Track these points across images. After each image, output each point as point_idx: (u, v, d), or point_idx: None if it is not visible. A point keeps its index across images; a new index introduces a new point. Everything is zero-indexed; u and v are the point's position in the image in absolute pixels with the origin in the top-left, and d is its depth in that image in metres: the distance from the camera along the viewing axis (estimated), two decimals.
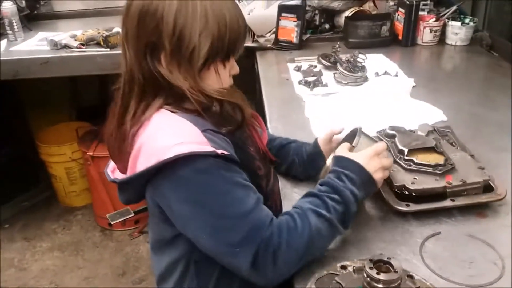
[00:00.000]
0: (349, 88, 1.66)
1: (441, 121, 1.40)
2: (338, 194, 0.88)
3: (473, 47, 2.05)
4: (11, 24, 2.27)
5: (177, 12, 0.84)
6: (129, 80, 0.91)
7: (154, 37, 0.86)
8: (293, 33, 2.04)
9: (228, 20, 0.87)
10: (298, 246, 0.83)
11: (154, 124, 0.87)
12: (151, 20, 0.85)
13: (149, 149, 0.84)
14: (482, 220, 0.99)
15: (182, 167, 0.81)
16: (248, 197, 0.85)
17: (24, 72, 2.12)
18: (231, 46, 0.90)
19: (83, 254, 2.58)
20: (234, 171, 0.86)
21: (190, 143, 0.81)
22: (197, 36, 0.85)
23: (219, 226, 0.83)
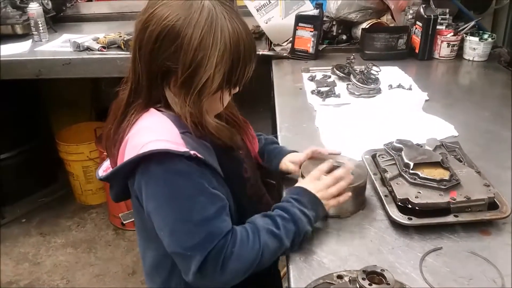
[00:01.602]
0: (362, 99, 1.67)
1: (452, 136, 1.39)
2: (287, 213, 0.93)
3: (491, 63, 2.03)
4: (36, 25, 2.35)
5: (198, 45, 0.85)
6: (135, 92, 0.94)
7: (169, 62, 0.88)
8: (309, 43, 2.05)
9: (242, 55, 0.90)
10: (247, 259, 0.88)
11: (140, 122, 0.92)
12: (170, 45, 0.86)
13: (132, 144, 0.89)
14: (485, 237, 0.98)
15: (155, 164, 0.85)
16: (212, 205, 0.88)
17: (46, 72, 2.19)
18: (240, 77, 0.93)
19: (95, 252, 2.63)
20: (204, 176, 0.89)
21: (166, 141, 0.85)
22: (212, 70, 0.87)
23: (177, 228, 0.86)
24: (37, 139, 3.00)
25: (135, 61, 0.92)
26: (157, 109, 0.94)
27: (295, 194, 0.98)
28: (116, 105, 0.99)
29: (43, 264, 2.56)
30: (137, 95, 0.94)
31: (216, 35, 0.86)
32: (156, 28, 0.86)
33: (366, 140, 1.34)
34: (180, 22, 0.85)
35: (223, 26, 0.87)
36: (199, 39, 0.85)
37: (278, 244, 0.91)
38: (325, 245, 0.97)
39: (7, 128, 2.83)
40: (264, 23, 2.14)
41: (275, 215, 0.94)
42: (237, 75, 0.91)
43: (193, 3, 0.87)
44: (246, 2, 2.13)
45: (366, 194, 1.13)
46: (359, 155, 1.23)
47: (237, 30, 0.89)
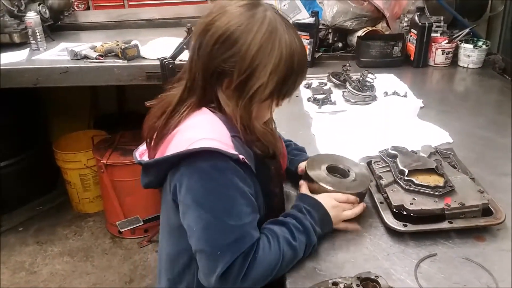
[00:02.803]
0: (357, 106, 1.68)
1: (447, 143, 1.40)
2: (301, 225, 0.96)
3: (486, 70, 2.05)
4: (34, 34, 2.36)
5: (257, 51, 0.88)
6: (189, 89, 0.97)
7: (225, 65, 0.90)
8: (306, 50, 2.07)
9: (296, 66, 0.92)
10: (269, 266, 0.89)
11: (193, 118, 0.95)
12: (228, 48, 0.89)
13: (181, 137, 0.92)
14: (479, 243, 0.99)
15: (203, 160, 0.88)
16: (249, 210, 0.90)
17: (44, 81, 2.19)
18: (291, 88, 0.96)
19: (92, 260, 2.62)
20: (247, 181, 0.92)
21: (217, 141, 0.88)
22: (266, 77, 0.90)
23: (212, 225, 0.87)
24: (35, 148, 3.00)
25: (193, 61, 0.95)
26: (210, 109, 0.96)
27: (309, 206, 0.99)
28: (165, 100, 1.00)
29: (39, 273, 2.55)
30: (192, 93, 0.97)
31: (274, 45, 0.89)
32: (218, 31, 0.90)
33: (362, 147, 1.35)
34: (242, 28, 0.89)
35: (281, 37, 0.90)
36: (258, 46, 0.88)
37: (294, 254, 0.93)
38: (321, 252, 0.98)
39: (5, 136, 2.83)
40: None
41: (290, 224, 0.95)
42: (288, 85, 0.94)
43: (256, 13, 0.91)
44: None
45: None
46: None
47: (293, 42, 0.92)
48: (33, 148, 2.99)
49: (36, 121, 3.06)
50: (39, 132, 3.07)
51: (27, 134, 2.97)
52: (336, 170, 1.12)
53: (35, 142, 3.02)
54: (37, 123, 3.07)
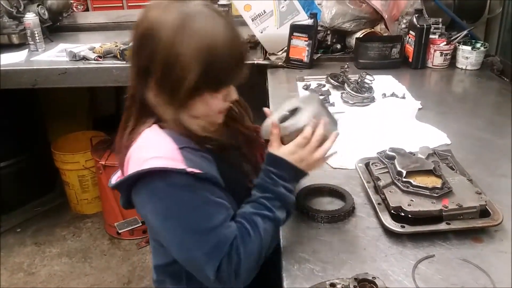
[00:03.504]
0: (356, 108, 1.68)
1: (445, 144, 1.40)
2: (270, 193, 0.94)
3: (484, 71, 2.05)
4: (33, 35, 2.36)
5: (171, 42, 0.86)
6: (130, 97, 0.96)
7: (147, 62, 0.89)
8: (304, 52, 2.07)
9: (220, 55, 0.88)
10: (255, 252, 0.89)
11: (142, 138, 0.94)
12: (148, 44, 0.88)
13: (134, 159, 0.92)
14: (477, 244, 0.99)
15: (157, 180, 0.88)
16: (217, 214, 0.89)
17: (42, 82, 2.20)
18: (221, 78, 0.92)
19: (90, 262, 2.62)
20: (206, 188, 0.90)
21: (164, 158, 0.88)
22: (183, 68, 0.87)
23: (186, 240, 0.88)
24: (33, 149, 3.00)
25: (129, 68, 0.95)
26: (160, 125, 0.95)
27: (276, 168, 0.95)
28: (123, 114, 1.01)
29: (37, 274, 2.55)
30: (131, 101, 0.96)
31: (187, 33, 0.86)
32: (138, 30, 0.90)
33: (360, 148, 1.35)
34: (154, 22, 0.87)
35: (198, 26, 0.87)
36: (168, 36, 0.86)
37: (275, 224, 0.93)
38: (319, 253, 0.98)
39: (3, 137, 2.83)
40: (259, 32, 2.16)
41: (261, 198, 0.94)
42: (215, 76, 0.89)
43: (171, 5, 0.89)
44: (242, 12, 2.15)
45: (360, 202, 1.14)
46: (353, 163, 1.24)
47: (215, 31, 0.88)
48: (31, 149, 2.99)
49: (34, 122, 3.06)
50: (37, 133, 3.07)
51: (26, 135, 2.97)
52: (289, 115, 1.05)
53: (34, 143, 3.02)
54: (35, 124, 3.07)
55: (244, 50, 0.96)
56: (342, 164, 1.30)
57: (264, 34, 2.17)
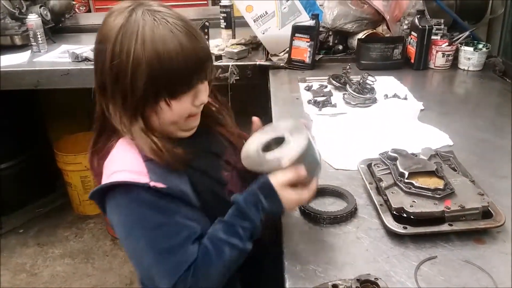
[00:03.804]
0: (358, 109, 1.68)
1: (447, 145, 1.40)
2: (249, 222, 0.89)
3: (486, 72, 2.05)
4: (35, 36, 2.37)
5: (114, 52, 0.86)
6: (97, 118, 0.97)
7: (102, 77, 0.90)
8: (306, 53, 2.07)
9: (166, 60, 0.85)
10: (214, 278, 0.88)
11: (113, 151, 0.94)
12: (99, 59, 0.89)
13: (105, 173, 0.92)
14: (479, 246, 0.99)
15: (121, 194, 0.87)
16: (178, 233, 0.87)
17: (45, 83, 2.21)
18: (174, 83, 0.89)
19: (93, 262, 2.62)
20: (169, 205, 0.88)
21: (128, 172, 0.87)
22: (129, 77, 0.86)
23: (144, 256, 0.87)
24: (35, 149, 3.01)
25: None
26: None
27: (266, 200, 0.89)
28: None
29: (40, 275, 2.56)
30: (99, 119, 0.97)
31: (130, 41, 0.85)
32: (95, 46, 0.91)
33: (362, 149, 1.35)
34: (103, 34, 0.88)
35: (139, 31, 0.85)
36: (113, 46, 0.86)
37: (241, 254, 0.90)
38: (321, 254, 0.98)
39: (5, 138, 2.84)
40: (261, 33, 2.17)
41: (237, 226, 0.89)
42: (164, 83, 0.87)
43: (119, 16, 0.88)
44: (243, 13, 2.15)
45: (362, 203, 1.14)
46: (355, 164, 1.24)
47: (157, 34, 0.85)
48: (33, 150, 3.00)
49: (36, 123, 3.07)
50: (39, 134, 3.08)
51: (28, 136, 2.98)
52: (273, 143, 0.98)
53: (35, 144, 3.03)
54: (37, 125, 3.08)
55: (201, 51, 0.91)
56: (344, 165, 1.30)
57: (266, 35, 2.17)
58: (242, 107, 2.51)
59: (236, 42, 2.29)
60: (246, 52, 2.24)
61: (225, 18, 2.37)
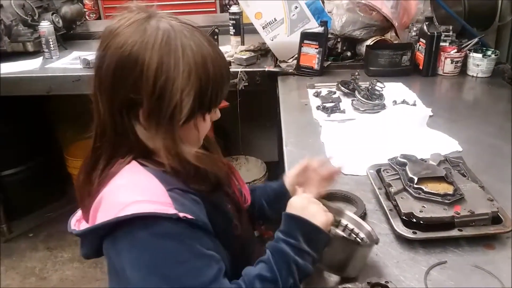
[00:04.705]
0: (367, 115, 1.69)
1: (456, 151, 1.41)
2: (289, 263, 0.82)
3: (495, 79, 2.05)
4: (47, 43, 2.40)
5: (158, 68, 0.77)
6: (100, 135, 0.85)
7: (131, 93, 0.79)
8: (315, 59, 2.09)
9: (212, 71, 0.81)
10: None
11: (120, 177, 0.82)
12: (129, 74, 0.78)
13: (109, 202, 0.79)
14: (489, 251, 0.99)
15: (140, 228, 0.75)
16: (209, 268, 0.78)
17: (57, 89, 2.24)
18: (213, 99, 0.84)
19: (101, 267, 2.63)
20: (197, 238, 0.79)
21: (151, 203, 0.76)
22: (179, 94, 0.78)
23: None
24: (46, 155, 3.04)
25: (97, 101, 0.83)
26: (140, 163, 0.83)
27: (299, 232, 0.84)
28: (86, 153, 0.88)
29: (49, 278, 2.57)
30: (102, 139, 0.85)
31: (177, 55, 0.78)
32: (113, 59, 0.78)
33: (371, 155, 1.36)
34: (136, 48, 0.77)
35: (184, 45, 0.79)
36: (158, 62, 0.77)
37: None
38: None
39: (16, 143, 2.88)
40: (270, 40, 2.18)
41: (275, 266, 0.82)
42: (209, 97, 0.83)
43: (147, 26, 0.79)
44: (252, 20, 2.17)
45: (371, 209, 1.15)
46: (364, 170, 1.25)
47: (202, 47, 0.81)
48: (44, 155, 3.03)
49: (48, 128, 3.11)
50: (49, 139, 3.11)
51: (39, 141, 3.01)
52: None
53: (47, 149, 3.06)
54: (49, 130, 3.12)
55: (227, 61, 0.91)
56: (353, 171, 1.30)
57: (275, 41, 2.19)
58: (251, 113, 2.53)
59: (245, 49, 2.31)
60: (255, 59, 2.26)
61: (234, 25, 2.39)
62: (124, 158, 0.83)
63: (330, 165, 1.11)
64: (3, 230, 2.87)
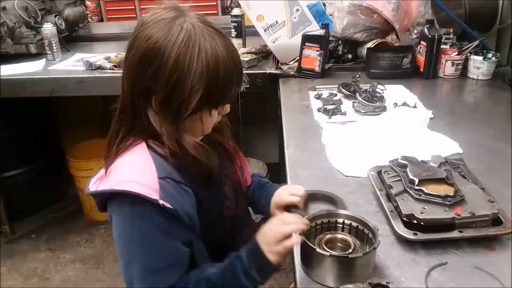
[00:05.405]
0: (367, 117, 1.70)
1: (457, 153, 1.41)
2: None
3: (495, 81, 2.06)
4: (50, 45, 2.42)
5: (174, 65, 0.87)
6: (122, 110, 0.97)
7: (149, 83, 0.89)
8: (316, 62, 2.10)
9: (222, 74, 0.90)
10: None
11: (127, 156, 0.95)
12: (150, 66, 0.88)
13: (114, 174, 0.93)
14: (489, 252, 1.00)
15: (127, 203, 0.89)
16: (168, 256, 0.92)
17: (59, 90, 2.25)
18: (221, 97, 0.94)
19: (103, 268, 2.64)
20: (168, 227, 0.91)
21: (140, 185, 0.88)
22: (188, 90, 0.88)
23: (131, 266, 0.92)
24: (48, 156, 3.05)
25: (123, 81, 0.95)
26: (150, 145, 0.95)
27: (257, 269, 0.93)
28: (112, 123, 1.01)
29: (51, 279, 2.58)
30: (124, 114, 0.96)
31: (192, 56, 0.87)
32: (139, 50, 0.89)
33: (372, 157, 1.36)
34: (159, 44, 0.87)
35: (201, 47, 0.88)
36: (174, 59, 0.86)
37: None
38: None
39: (19, 145, 2.89)
40: (272, 42, 2.20)
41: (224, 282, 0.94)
42: (216, 96, 0.92)
43: (173, 24, 0.88)
44: (254, 22, 2.18)
45: (372, 210, 1.15)
46: (365, 171, 1.26)
47: (217, 51, 0.89)
48: (46, 156, 3.04)
49: (50, 129, 3.12)
50: (52, 141, 3.12)
51: (41, 142, 3.02)
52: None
53: (49, 150, 3.07)
54: (50, 131, 3.13)
55: (241, 66, 0.97)
56: (354, 172, 1.31)
57: (276, 44, 2.20)
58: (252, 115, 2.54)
59: (246, 51, 2.32)
60: (257, 61, 2.27)
61: (236, 27, 2.41)
62: (137, 137, 0.95)
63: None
64: (5, 231, 2.89)
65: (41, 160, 3.01)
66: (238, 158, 1.15)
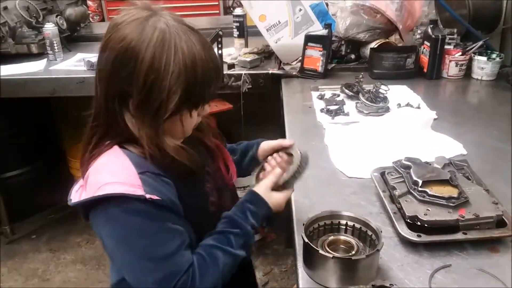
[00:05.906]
0: (371, 118, 1.69)
1: (461, 154, 1.40)
2: (239, 228, 0.96)
3: (499, 82, 2.05)
4: (51, 45, 2.41)
5: (150, 66, 0.84)
6: (96, 115, 0.93)
7: (124, 85, 0.86)
8: (318, 62, 2.09)
9: (200, 73, 0.88)
10: (209, 284, 0.90)
11: (102, 159, 0.91)
12: (124, 68, 0.85)
13: (91, 181, 0.89)
14: (493, 254, 0.98)
15: (113, 205, 0.86)
16: (172, 240, 0.88)
17: (61, 90, 2.25)
18: (200, 96, 0.92)
19: (104, 269, 2.63)
20: (162, 215, 0.88)
21: (122, 184, 0.85)
22: (166, 92, 0.86)
23: (138, 266, 0.88)
24: (49, 156, 3.04)
25: (96, 85, 0.92)
26: (121, 147, 0.92)
27: (250, 203, 0.99)
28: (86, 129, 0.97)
29: (52, 280, 2.57)
30: (98, 119, 0.93)
31: (169, 56, 0.84)
32: (112, 52, 0.86)
33: (375, 158, 1.35)
34: (132, 44, 0.84)
35: (177, 46, 0.85)
36: (150, 60, 0.84)
37: (234, 260, 0.94)
38: None
39: (19, 145, 2.88)
40: (274, 42, 2.19)
41: (228, 233, 0.95)
42: (195, 95, 0.90)
43: (147, 24, 0.86)
44: (256, 22, 2.17)
45: (375, 211, 1.14)
46: (368, 172, 1.24)
47: (194, 50, 0.87)
48: (47, 156, 3.03)
49: (50, 130, 3.11)
50: (52, 141, 3.12)
51: (42, 142, 3.01)
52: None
53: (50, 150, 3.06)
54: (51, 131, 3.12)
55: (219, 63, 0.96)
56: (357, 173, 1.30)
57: (279, 44, 2.19)
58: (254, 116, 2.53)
59: (248, 51, 2.31)
60: (259, 61, 2.26)
61: (238, 27, 2.40)
62: (111, 141, 0.92)
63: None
64: (6, 232, 2.88)
65: (41, 160, 3.00)
66: (221, 154, 1.12)
